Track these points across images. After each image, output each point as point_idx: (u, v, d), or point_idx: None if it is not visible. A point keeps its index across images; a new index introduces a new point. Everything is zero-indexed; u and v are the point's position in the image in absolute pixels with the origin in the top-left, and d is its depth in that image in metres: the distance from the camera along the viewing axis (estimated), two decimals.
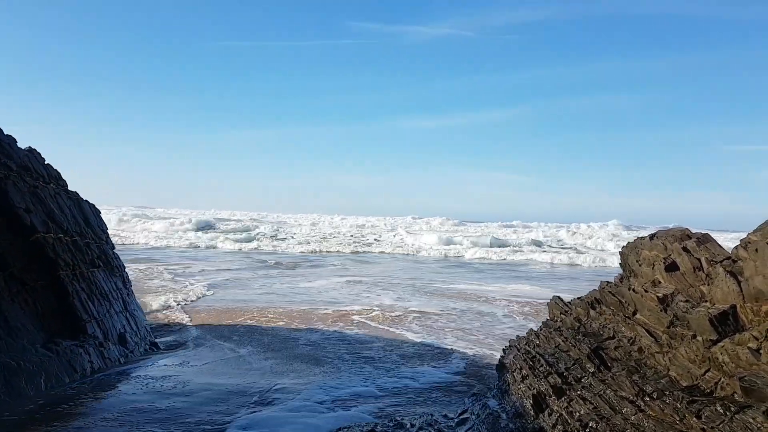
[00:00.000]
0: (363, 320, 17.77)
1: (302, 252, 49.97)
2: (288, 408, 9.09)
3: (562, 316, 9.53)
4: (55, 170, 13.35)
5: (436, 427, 8.38)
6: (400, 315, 18.84)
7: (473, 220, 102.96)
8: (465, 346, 14.58)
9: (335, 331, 16.00)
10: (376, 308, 19.90)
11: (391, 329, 16.63)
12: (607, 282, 8.79)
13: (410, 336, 15.77)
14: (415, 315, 18.95)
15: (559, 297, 10.29)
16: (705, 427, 4.82)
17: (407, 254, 51.50)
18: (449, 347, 14.45)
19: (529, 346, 9.25)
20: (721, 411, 4.87)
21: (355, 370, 11.75)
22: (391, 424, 8.52)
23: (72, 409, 8.49)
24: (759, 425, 4.39)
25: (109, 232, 15.19)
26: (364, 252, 52.67)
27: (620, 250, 9.00)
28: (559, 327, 9.16)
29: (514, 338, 10.64)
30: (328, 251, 51.40)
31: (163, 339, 14.45)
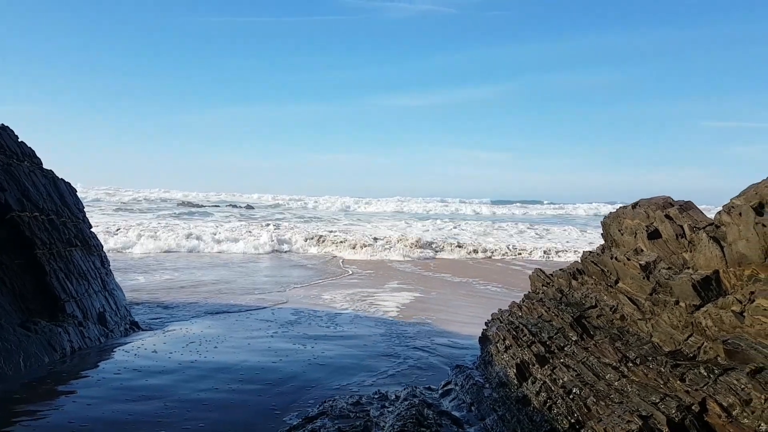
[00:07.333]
0: None
1: None
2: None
3: (544, 287, 9.59)
4: (29, 148, 12.96)
5: (420, 398, 8.40)
6: None
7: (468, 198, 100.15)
8: None
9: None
10: None
11: None
12: (590, 252, 8.83)
13: None
14: None
15: (540, 269, 10.35)
16: (689, 389, 4.87)
17: None
18: None
19: (512, 317, 9.30)
20: (705, 374, 4.92)
21: None
22: (376, 396, 8.53)
23: (54, 387, 8.35)
24: (743, 386, 4.44)
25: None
26: None
27: (602, 220, 9.04)
28: (541, 298, 9.21)
29: (497, 311, 10.69)
30: None
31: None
